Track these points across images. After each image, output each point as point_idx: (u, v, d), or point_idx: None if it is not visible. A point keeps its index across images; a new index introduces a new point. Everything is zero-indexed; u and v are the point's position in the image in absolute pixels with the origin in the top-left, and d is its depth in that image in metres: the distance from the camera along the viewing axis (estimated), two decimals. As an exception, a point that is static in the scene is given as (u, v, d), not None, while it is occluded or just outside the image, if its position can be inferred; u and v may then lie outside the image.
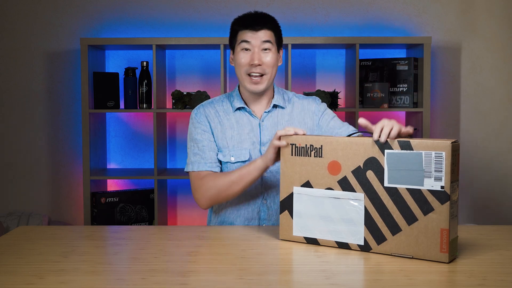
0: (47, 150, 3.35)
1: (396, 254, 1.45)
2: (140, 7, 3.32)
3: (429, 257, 1.40)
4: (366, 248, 1.48)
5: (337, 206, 1.51)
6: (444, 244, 1.39)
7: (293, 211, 1.57)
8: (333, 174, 1.51)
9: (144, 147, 3.37)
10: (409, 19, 3.32)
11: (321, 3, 3.32)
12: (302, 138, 1.56)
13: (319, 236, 1.54)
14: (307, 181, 1.55)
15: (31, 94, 3.33)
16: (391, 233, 1.45)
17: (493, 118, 3.36)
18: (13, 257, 1.45)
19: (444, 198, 1.38)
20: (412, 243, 1.42)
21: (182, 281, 1.26)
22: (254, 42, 1.84)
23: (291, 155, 1.57)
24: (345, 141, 1.50)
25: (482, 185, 3.38)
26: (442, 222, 1.39)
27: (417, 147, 1.41)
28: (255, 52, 1.84)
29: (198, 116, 1.92)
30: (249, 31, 1.85)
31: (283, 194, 1.59)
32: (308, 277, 1.30)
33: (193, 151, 1.89)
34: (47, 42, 3.32)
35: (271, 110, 1.94)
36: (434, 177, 1.39)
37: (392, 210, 1.44)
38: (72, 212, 3.36)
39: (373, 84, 3.14)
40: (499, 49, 3.33)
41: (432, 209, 1.40)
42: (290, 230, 1.58)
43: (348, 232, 1.50)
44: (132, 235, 1.69)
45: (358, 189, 1.48)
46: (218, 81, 3.31)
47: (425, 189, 1.40)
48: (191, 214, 3.38)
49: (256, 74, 1.85)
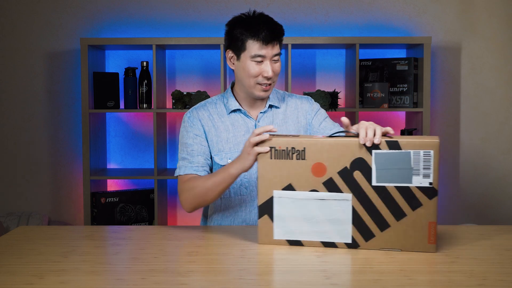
0: (47, 150, 3.35)
1: (384, 249, 1.48)
2: (140, 7, 3.31)
3: (418, 249, 1.47)
4: (354, 245, 1.50)
5: (323, 207, 1.51)
6: (432, 236, 1.46)
7: (273, 215, 1.53)
8: (318, 176, 1.50)
9: (144, 147, 3.37)
10: (409, 19, 3.32)
11: (321, 3, 3.32)
12: (283, 140, 1.52)
13: (303, 238, 1.53)
14: (288, 184, 1.52)
15: (31, 94, 3.33)
16: (380, 229, 1.48)
17: (493, 118, 3.36)
18: (13, 257, 1.45)
19: (432, 193, 1.45)
20: (400, 237, 1.47)
21: (182, 281, 1.26)
22: (268, 55, 1.81)
23: (270, 158, 1.53)
24: (330, 143, 1.49)
25: (482, 185, 3.37)
26: (430, 216, 1.46)
27: (406, 146, 1.45)
28: (268, 65, 1.81)
29: (191, 120, 1.90)
30: (264, 47, 1.80)
31: (262, 198, 1.54)
32: (308, 277, 1.30)
33: (182, 156, 1.88)
34: (47, 42, 3.32)
35: (266, 110, 1.93)
36: (423, 174, 1.45)
37: (380, 208, 1.48)
38: (72, 212, 3.36)
39: (373, 84, 3.14)
40: (499, 49, 3.33)
41: (421, 205, 1.46)
42: (270, 234, 1.54)
43: (334, 232, 1.51)
44: (132, 235, 1.69)
45: (345, 190, 1.49)
46: (218, 81, 3.31)
47: (413, 186, 1.46)
48: (191, 214, 3.38)
49: (267, 84, 1.84)
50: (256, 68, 1.81)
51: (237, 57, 1.85)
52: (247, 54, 1.82)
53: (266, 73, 1.81)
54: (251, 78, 1.83)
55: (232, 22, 1.87)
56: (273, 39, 1.81)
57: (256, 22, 1.81)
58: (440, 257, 1.44)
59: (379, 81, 3.18)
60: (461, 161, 3.37)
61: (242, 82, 1.87)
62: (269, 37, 1.79)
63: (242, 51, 1.82)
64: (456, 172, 3.37)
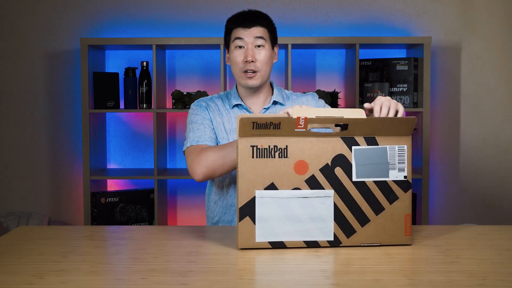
0: (47, 150, 3.35)
1: (365, 244, 1.52)
2: (140, 7, 3.32)
3: (395, 242, 1.52)
4: (336, 242, 1.51)
5: (305, 205, 1.51)
6: (408, 228, 1.52)
7: (255, 216, 1.49)
8: (300, 173, 1.50)
9: (144, 147, 3.37)
10: (409, 19, 3.32)
11: (321, 3, 3.32)
12: (265, 139, 1.49)
13: (286, 239, 1.51)
14: (271, 183, 1.50)
15: (31, 94, 3.33)
16: (360, 225, 1.51)
17: (493, 118, 3.36)
18: (13, 257, 1.45)
19: (407, 186, 1.52)
20: (380, 231, 1.52)
21: (182, 281, 1.26)
22: (247, 39, 1.86)
23: (252, 157, 1.49)
24: (311, 140, 1.50)
25: (482, 185, 3.38)
26: (405, 208, 1.52)
27: (382, 142, 1.51)
28: (249, 49, 1.86)
29: (199, 107, 1.94)
30: (242, 28, 1.87)
31: (243, 199, 1.49)
32: (308, 277, 1.30)
33: (193, 130, 1.88)
34: (47, 42, 3.32)
35: (270, 106, 1.95)
36: (398, 168, 1.52)
37: (360, 203, 1.51)
38: (72, 212, 3.36)
39: (373, 84, 3.14)
40: (499, 49, 3.33)
41: (397, 198, 1.52)
42: (252, 237, 1.50)
43: (316, 230, 1.51)
44: (132, 235, 1.69)
45: (327, 186, 1.50)
46: (218, 81, 3.31)
47: (390, 180, 1.52)
48: (191, 214, 3.38)
49: (250, 70, 1.87)
50: (239, 55, 1.87)
51: (228, 50, 1.93)
52: (232, 44, 1.89)
53: (246, 57, 1.85)
54: (236, 66, 1.89)
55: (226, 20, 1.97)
56: (250, 21, 1.87)
57: (242, 13, 1.92)
58: (440, 257, 1.44)
59: (379, 81, 3.18)
60: (461, 161, 3.37)
61: (233, 75, 1.93)
62: (248, 20, 1.87)
63: (230, 42, 1.91)
64: (456, 172, 3.37)
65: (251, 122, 1.46)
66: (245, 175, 1.49)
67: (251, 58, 1.85)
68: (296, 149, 1.50)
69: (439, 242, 1.57)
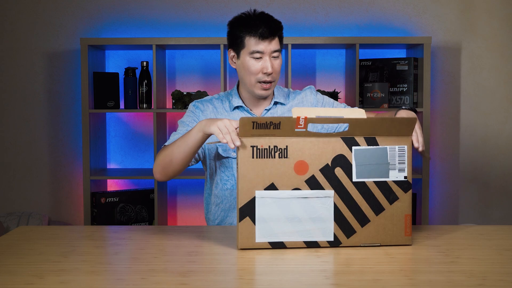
0: (47, 150, 3.35)
1: (365, 245, 1.52)
2: (140, 7, 3.32)
3: (395, 242, 1.52)
4: (336, 243, 1.52)
5: (305, 206, 1.51)
6: (408, 228, 1.53)
7: (255, 217, 1.50)
8: (300, 174, 1.51)
9: (144, 147, 3.37)
10: (409, 19, 3.32)
11: (321, 3, 3.32)
12: (265, 139, 1.49)
13: (286, 239, 1.51)
14: (271, 184, 1.50)
15: (31, 94, 3.33)
16: (360, 225, 1.52)
17: (493, 118, 3.36)
18: (13, 257, 1.45)
19: (407, 186, 1.53)
20: (380, 231, 1.52)
21: (182, 281, 1.26)
22: (266, 51, 1.82)
23: (252, 157, 1.49)
24: (311, 141, 1.51)
25: (482, 185, 3.38)
26: (406, 208, 1.53)
27: (382, 142, 1.52)
28: (267, 61, 1.82)
29: (194, 108, 1.93)
30: (261, 42, 1.81)
31: (243, 200, 1.50)
32: (308, 277, 1.30)
33: (177, 131, 1.90)
34: (47, 42, 3.32)
35: (271, 107, 1.94)
36: (398, 168, 1.52)
37: (360, 203, 1.52)
38: (72, 212, 3.36)
39: (373, 84, 3.14)
40: (499, 49, 3.33)
41: (397, 198, 1.53)
42: (252, 237, 1.50)
43: (316, 230, 1.51)
44: (132, 235, 1.69)
45: (327, 187, 1.51)
46: (218, 81, 3.31)
47: (390, 180, 1.52)
48: (191, 214, 3.38)
49: (268, 81, 1.84)
50: (256, 65, 1.82)
51: (238, 55, 1.87)
52: (246, 51, 1.83)
53: (266, 69, 1.82)
54: (252, 75, 1.84)
55: (232, 21, 1.90)
56: (270, 34, 1.82)
57: (254, 19, 1.83)
58: (440, 257, 1.44)
59: (379, 81, 3.18)
60: (461, 161, 3.37)
61: (243, 81, 1.88)
62: (266, 32, 1.81)
63: (242, 48, 1.84)
64: (456, 172, 3.37)
65: (251, 122, 1.46)
66: (245, 175, 1.50)
67: (271, 70, 1.82)
68: (296, 149, 1.50)
69: (439, 242, 1.57)
